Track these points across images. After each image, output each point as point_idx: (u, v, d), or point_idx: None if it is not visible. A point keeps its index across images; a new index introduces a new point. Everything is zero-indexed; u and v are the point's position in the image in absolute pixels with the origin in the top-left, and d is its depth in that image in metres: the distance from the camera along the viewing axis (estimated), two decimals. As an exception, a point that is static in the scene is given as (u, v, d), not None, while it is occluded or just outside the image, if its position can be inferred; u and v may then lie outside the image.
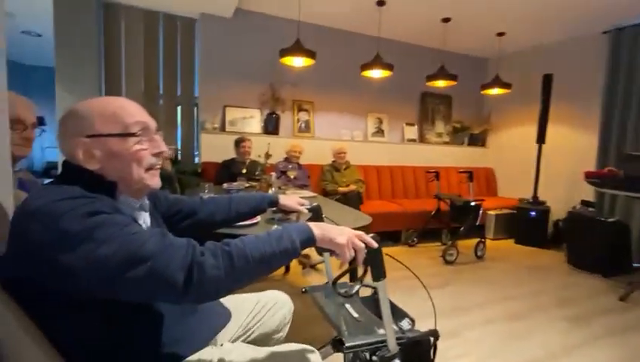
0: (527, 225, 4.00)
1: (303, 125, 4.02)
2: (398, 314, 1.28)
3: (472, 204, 3.36)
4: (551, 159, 4.18)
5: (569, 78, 4.07)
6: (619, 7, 3.22)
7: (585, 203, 3.51)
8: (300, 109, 3.99)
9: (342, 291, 0.93)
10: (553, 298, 2.60)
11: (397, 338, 0.96)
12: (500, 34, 4.03)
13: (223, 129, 3.70)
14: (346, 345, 0.91)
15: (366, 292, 1.23)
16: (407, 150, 4.60)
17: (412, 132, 4.70)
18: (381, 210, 3.69)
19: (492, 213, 4.19)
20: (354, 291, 0.80)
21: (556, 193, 4.14)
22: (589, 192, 3.71)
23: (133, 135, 0.74)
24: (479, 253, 3.46)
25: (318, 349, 1.00)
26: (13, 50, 5.21)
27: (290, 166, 2.81)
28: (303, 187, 3.31)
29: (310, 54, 2.85)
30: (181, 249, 0.64)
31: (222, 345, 0.90)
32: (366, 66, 3.39)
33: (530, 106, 4.35)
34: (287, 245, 0.72)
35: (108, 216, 0.63)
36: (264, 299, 1.15)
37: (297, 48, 2.83)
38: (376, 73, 3.45)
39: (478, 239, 3.51)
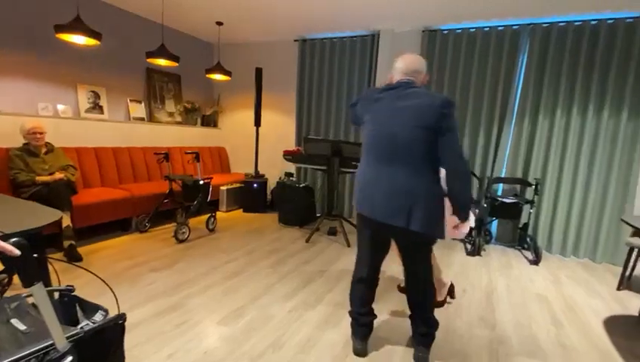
0: (252, 195, 4.73)
1: (-36, 93, 2.87)
2: (90, 308, 1.23)
3: (201, 182, 3.60)
4: (266, 139, 5.07)
5: (274, 73, 4.99)
6: (304, 22, 4.20)
7: (287, 174, 4.54)
8: (-43, 70, 2.82)
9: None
10: (264, 251, 3.27)
11: (72, 335, 0.95)
12: (219, 23, 4.35)
13: None
14: (-5, 365, 0.81)
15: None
16: (135, 130, 4.27)
17: (139, 110, 4.37)
18: (103, 198, 3.29)
19: (224, 188, 4.65)
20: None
21: (271, 167, 5.10)
22: (292, 165, 4.80)
23: None
24: (211, 226, 3.78)
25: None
26: None
27: None
28: (-29, 180, 2.43)
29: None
30: None
31: None
32: (62, 29, 2.80)
33: (249, 94, 5.04)
34: None
35: None
36: None
37: None
38: (79, 39, 2.93)
39: (209, 214, 3.82)
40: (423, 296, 1.73)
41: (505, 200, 3.58)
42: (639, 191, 3.35)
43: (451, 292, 2.49)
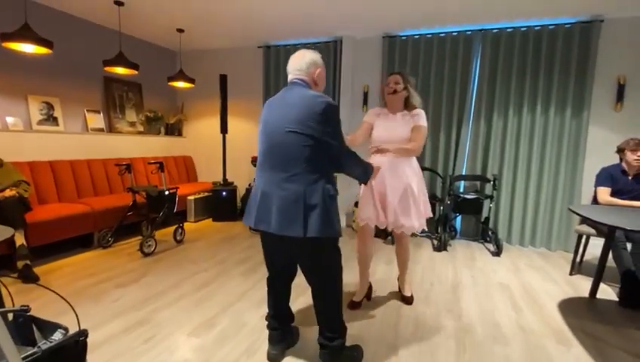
0: (221, 203, 4.66)
1: None
2: (48, 328, 1.18)
3: (167, 192, 3.51)
4: (234, 146, 5.02)
5: (239, 79, 4.96)
6: (267, 28, 4.21)
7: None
8: None
9: None
10: (236, 260, 3.22)
11: (29, 355, 0.91)
12: (180, 30, 4.28)
13: None
14: (-59, 393, 0.76)
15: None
16: (94, 141, 4.08)
17: (98, 120, 4.19)
18: (61, 213, 3.12)
19: (191, 197, 4.55)
20: None
21: (240, 174, 5.04)
22: (260, 171, 4.78)
23: None
24: (178, 238, 3.68)
25: None
26: None
27: None
28: None
29: None
30: None
31: None
32: (9, 37, 2.65)
33: (214, 101, 4.97)
34: None
35: None
36: None
37: None
38: (28, 48, 2.79)
39: (177, 225, 3.72)
40: (330, 306, 1.64)
41: (467, 196, 3.76)
42: (585, 182, 3.64)
43: (369, 294, 2.47)
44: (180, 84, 4.33)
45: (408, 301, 2.43)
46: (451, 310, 2.34)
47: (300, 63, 1.64)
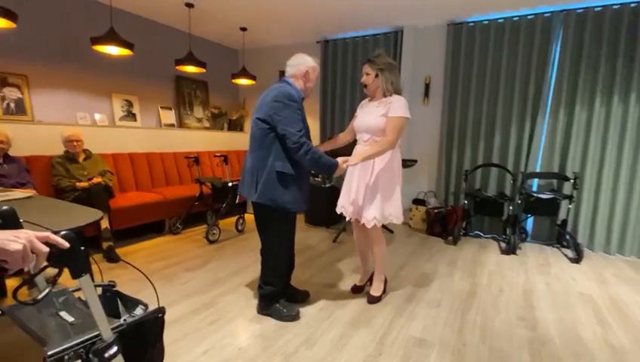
0: (278, 197, 4.76)
1: (12, 105, 3.08)
2: (130, 303, 1.28)
3: (230, 184, 3.68)
4: (291, 141, 5.10)
5: (298, 74, 5.01)
6: (326, 23, 4.22)
7: (313, 175, 4.55)
8: (5, 84, 3.03)
9: (37, 298, 0.85)
10: (292, 252, 3.28)
11: (116, 327, 0.98)
12: (243, 29, 4.44)
13: None
14: (48, 353, 0.85)
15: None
16: (166, 135, 4.42)
17: (170, 116, 4.53)
18: (138, 201, 3.43)
19: (251, 190, 4.72)
20: (41, 297, 0.75)
21: (297, 168, 5.12)
22: (316, 166, 4.81)
23: None
24: (240, 228, 3.85)
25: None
26: None
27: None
28: (19, 186, 2.61)
29: (5, 13, 2.19)
30: None
31: None
32: (98, 40, 2.95)
33: (274, 96, 5.09)
34: None
35: None
36: None
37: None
38: (113, 50, 3.08)
39: (238, 215, 3.89)
40: (265, 263, 2.05)
41: (541, 195, 3.41)
42: (692, 183, 3.10)
43: (385, 287, 2.40)
44: (243, 81, 4.50)
45: (370, 299, 2.29)
46: (524, 318, 2.14)
47: (290, 61, 2.00)
